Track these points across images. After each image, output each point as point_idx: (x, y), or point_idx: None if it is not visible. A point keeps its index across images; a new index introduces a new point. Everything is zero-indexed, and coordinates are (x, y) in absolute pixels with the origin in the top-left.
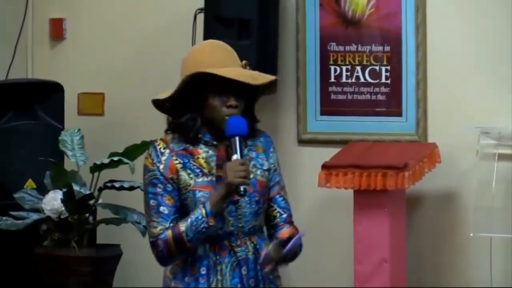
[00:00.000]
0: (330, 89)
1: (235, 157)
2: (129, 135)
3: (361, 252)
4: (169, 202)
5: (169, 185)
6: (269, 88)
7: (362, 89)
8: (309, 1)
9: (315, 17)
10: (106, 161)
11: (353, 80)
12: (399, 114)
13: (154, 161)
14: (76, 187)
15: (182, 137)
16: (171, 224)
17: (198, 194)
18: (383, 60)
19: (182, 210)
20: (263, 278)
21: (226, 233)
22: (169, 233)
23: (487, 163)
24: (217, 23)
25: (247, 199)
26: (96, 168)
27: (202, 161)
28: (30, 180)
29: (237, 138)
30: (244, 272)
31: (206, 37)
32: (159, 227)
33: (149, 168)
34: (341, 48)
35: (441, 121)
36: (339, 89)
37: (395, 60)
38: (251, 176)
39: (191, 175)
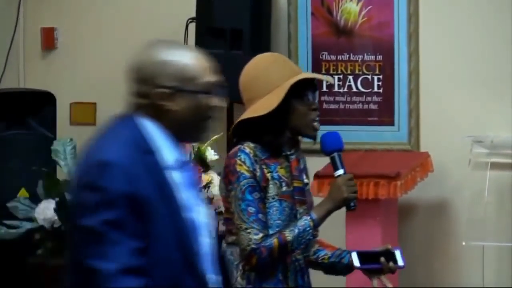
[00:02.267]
0: (322, 98)
1: (340, 172)
2: None
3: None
4: (264, 210)
5: (262, 193)
6: None
7: (354, 98)
8: (301, 10)
9: (307, 26)
10: None
11: (345, 90)
12: (391, 123)
13: (251, 169)
14: (68, 197)
15: (264, 147)
16: (271, 232)
17: (284, 204)
18: (376, 69)
19: None
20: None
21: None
22: (275, 241)
23: (480, 172)
24: (209, 33)
25: (305, 207)
26: None
27: (283, 171)
28: (23, 189)
29: (336, 154)
30: (306, 279)
31: (198, 46)
32: (261, 234)
33: (245, 174)
34: (333, 57)
35: (433, 130)
36: (331, 98)
37: (387, 69)
38: (308, 186)
39: (277, 185)
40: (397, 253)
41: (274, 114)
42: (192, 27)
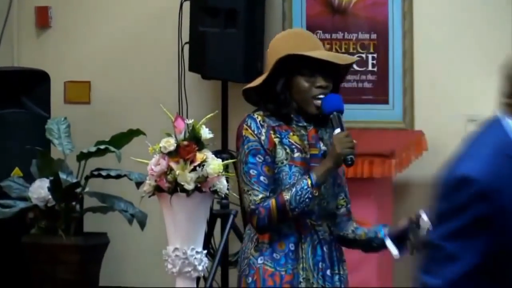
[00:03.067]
0: None
1: (338, 131)
2: (116, 123)
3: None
4: (268, 173)
5: (268, 157)
6: (347, 71)
7: (349, 77)
8: None
9: (301, 5)
10: (93, 149)
11: None
12: (385, 102)
13: (255, 132)
14: (62, 176)
15: (275, 115)
16: (270, 193)
17: (294, 169)
18: (370, 48)
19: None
20: (337, 259)
21: (309, 211)
22: (272, 201)
23: None
24: (203, 12)
25: (331, 180)
26: (83, 157)
27: (296, 138)
28: (16, 168)
29: (335, 114)
30: (325, 250)
31: (192, 26)
32: (261, 195)
33: (249, 138)
34: (327, 36)
35: (428, 109)
36: None
37: (381, 48)
38: None
39: (288, 150)
40: (388, 243)
41: (272, 86)
42: (187, 6)
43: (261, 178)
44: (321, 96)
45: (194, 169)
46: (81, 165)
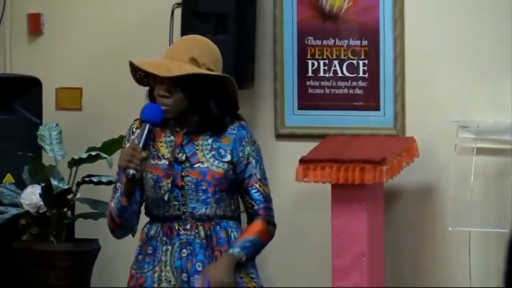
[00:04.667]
0: (308, 83)
1: (136, 142)
2: (107, 129)
3: (339, 247)
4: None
5: None
6: (231, 86)
7: (340, 83)
8: None
9: (292, 11)
10: (84, 155)
11: (331, 74)
12: (376, 108)
13: (125, 139)
14: (54, 182)
15: None
16: None
17: (148, 176)
18: (361, 54)
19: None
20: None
21: (174, 216)
22: (109, 207)
23: (466, 157)
24: (194, 17)
25: (193, 186)
26: (74, 163)
27: (160, 145)
28: (8, 174)
29: (146, 126)
30: (183, 254)
31: (183, 32)
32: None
33: (122, 146)
34: (318, 42)
35: (419, 115)
36: (317, 83)
37: (372, 54)
38: (205, 165)
39: (149, 158)
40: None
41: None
42: (178, 12)
43: (117, 185)
44: (162, 106)
45: None
46: (72, 171)
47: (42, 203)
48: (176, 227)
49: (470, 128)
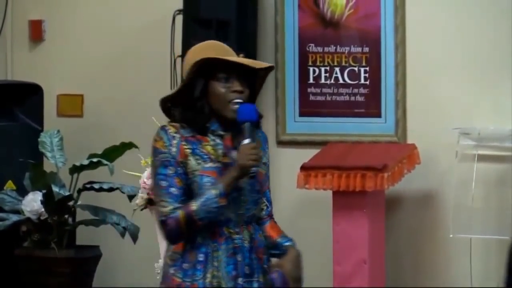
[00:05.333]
0: (309, 90)
1: (247, 141)
2: (108, 136)
3: (340, 253)
4: (178, 184)
5: (179, 168)
6: (264, 79)
7: (341, 90)
8: (288, 2)
9: (293, 18)
10: (85, 162)
11: (332, 81)
12: (378, 115)
13: (166, 144)
14: (55, 189)
15: (191, 125)
16: (181, 204)
17: (205, 179)
18: (362, 61)
19: (187, 194)
20: (258, 267)
21: (226, 219)
22: (180, 212)
23: (467, 164)
24: (195, 24)
25: (249, 187)
26: (75, 170)
27: (209, 148)
28: (10, 181)
29: (248, 124)
30: (239, 259)
31: (185, 38)
32: (170, 207)
33: (160, 150)
34: (319, 49)
35: (420, 122)
36: (318, 90)
37: (374, 61)
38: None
39: (199, 161)
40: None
41: (189, 95)
42: (179, 18)
43: (171, 189)
44: (238, 100)
45: None
46: (73, 178)
47: (43, 209)
48: (225, 232)
49: (471, 135)
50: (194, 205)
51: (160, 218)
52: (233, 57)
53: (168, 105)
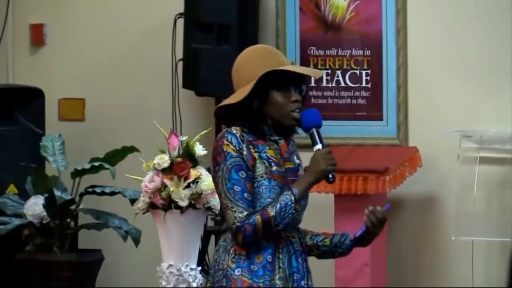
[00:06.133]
0: (311, 93)
1: (319, 146)
2: (110, 140)
3: (342, 257)
4: (251, 189)
5: (250, 172)
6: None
7: (343, 93)
8: (289, 5)
9: (295, 21)
10: (87, 166)
11: (334, 85)
12: (379, 118)
13: (237, 148)
14: (57, 192)
15: (251, 131)
16: (255, 210)
17: (273, 183)
18: (364, 64)
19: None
20: (307, 270)
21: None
22: (258, 217)
23: (468, 166)
24: (196, 28)
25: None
26: (77, 174)
27: (272, 152)
28: (12, 185)
29: (314, 130)
30: (300, 261)
31: (186, 42)
32: (246, 212)
33: (231, 154)
34: (321, 52)
35: (422, 125)
36: (319, 93)
37: (375, 64)
38: (300, 171)
39: (266, 164)
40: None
41: (250, 103)
42: (181, 22)
43: (245, 194)
44: (298, 110)
45: (188, 186)
46: (75, 182)
47: (45, 213)
48: (284, 235)
49: (472, 137)
50: (271, 211)
51: (236, 224)
52: (291, 65)
53: (222, 113)
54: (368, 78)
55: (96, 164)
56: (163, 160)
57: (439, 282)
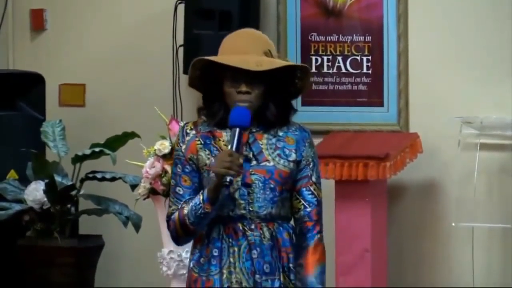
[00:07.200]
0: (311, 79)
1: (230, 147)
2: (110, 126)
3: (343, 243)
4: (185, 184)
5: (187, 166)
6: (303, 79)
7: (343, 79)
8: None
9: (296, 7)
10: (88, 152)
11: (334, 71)
12: (380, 104)
13: (179, 141)
14: (58, 178)
15: (211, 118)
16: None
17: (212, 174)
18: (365, 50)
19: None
20: (280, 266)
21: (238, 216)
22: (176, 215)
23: (469, 153)
24: (197, 14)
25: (260, 184)
26: (78, 159)
27: (222, 143)
28: (12, 171)
29: (236, 130)
30: (254, 255)
31: (187, 28)
32: (173, 207)
33: (176, 148)
34: (322, 38)
35: (422, 111)
36: (320, 79)
37: (376, 50)
38: (272, 163)
39: (209, 156)
40: None
41: (207, 91)
42: (181, 8)
43: (177, 189)
44: (244, 103)
45: None
46: (76, 167)
47: (45, 199)
48: (241, 228)
49: (473, 124)
50: (186, 209)
51: (166, 218)
52: (239, 55)
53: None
54: (369, 64)
55: (97, 149)
56: (164, 146)
57: (439, 268)
